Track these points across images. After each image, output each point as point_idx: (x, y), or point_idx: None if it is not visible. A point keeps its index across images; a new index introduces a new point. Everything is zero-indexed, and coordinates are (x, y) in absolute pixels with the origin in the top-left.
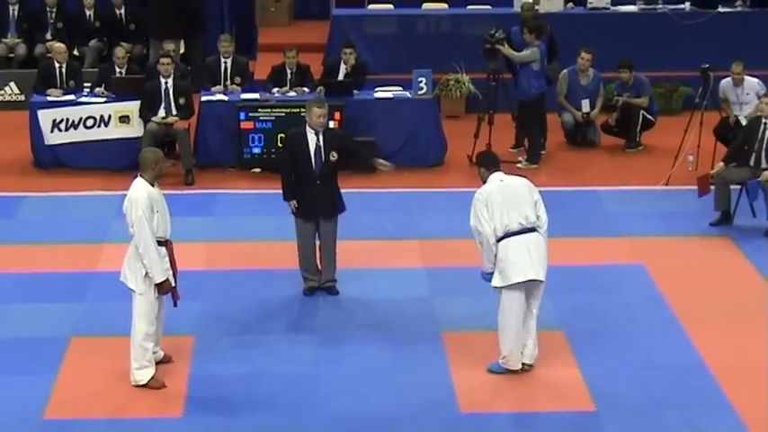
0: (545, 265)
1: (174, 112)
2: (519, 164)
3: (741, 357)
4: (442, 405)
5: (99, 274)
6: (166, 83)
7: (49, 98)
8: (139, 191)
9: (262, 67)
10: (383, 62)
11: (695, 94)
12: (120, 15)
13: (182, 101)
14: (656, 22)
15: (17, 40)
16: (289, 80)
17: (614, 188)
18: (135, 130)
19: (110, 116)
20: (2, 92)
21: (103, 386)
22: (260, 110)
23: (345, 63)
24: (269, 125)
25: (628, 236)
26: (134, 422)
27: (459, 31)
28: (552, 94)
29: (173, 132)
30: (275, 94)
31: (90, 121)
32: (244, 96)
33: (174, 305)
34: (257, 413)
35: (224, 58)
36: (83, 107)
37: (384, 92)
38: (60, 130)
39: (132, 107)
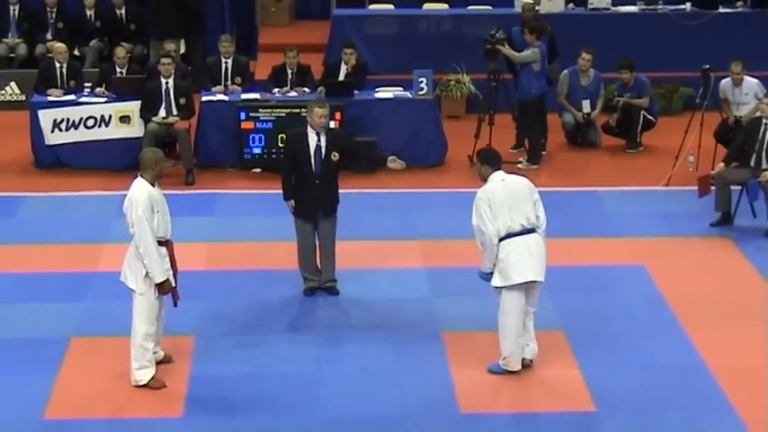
0: (544, 266)
1: (175, 112)
2: (519, 164)
3: (741, 358)
4: (442, 405)
5: (99, 274)
6: (167, 83)
7: (50, 98)
8: (140, 191)
9: (262, 68)
10: (384, 62)
11: (696, 94)
12: (121, 15)
13: (182, 101)
14: (656, 23)
15: (18, 40)
16: (289, 80)
17: (615, 188)
18: (135, 130)
19: (110, 116)
20: (2, 92)
21: (104, 386)
22: (260, 110)
23: (346, 63)
24: (269, 125)
25: (628, 236)
26: (134, 422)
27: (460, 32)
28: (553, 94)
29: (173, 132)
30: (276, 94)
31: (90, 121)
32: (244, 96)
33: (175, 305)
34: (258, 413)
35: (225, 59)
36: (83, 107)
37: (385, 92)
38: (61, 130)
39: (133, 107)
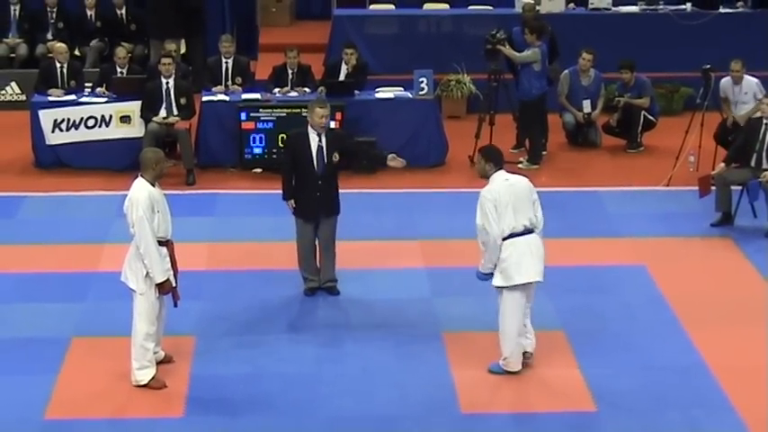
0: (543, 266)
1: (176, 112)
2: (520, 164)
3: (742, 358)
4: (442, 405)
5: (100, 274)
6: (167, 83)
7: (50, 98)
8: (140, 191)
9: (263, 68)
10: (384, 62)
11: (696, 94)
12: (121, 15)
13: (183, 101)
14: (657, 23)
15: (18, 41)
16: (290, 80)
17: (615, 189)
18: (136, 130)
19: (111, 116)
20: (3, 92)
21: (104, 386)
22: (261, 110)
23: (346, 63)
24: (270, 125)
25: (629, 236)
26: (135, 422)
27: (461, 32)
28: (553, 94)
29: (174, 132)
30: (276, 94)
31: (91, 121)
32: (245, 96)
33: (175, 305)
34: (258, 413)
35: (225, 59)
36: (84, 107)
37: (385, 92)
38: (61, 130)
39: (133, 107)
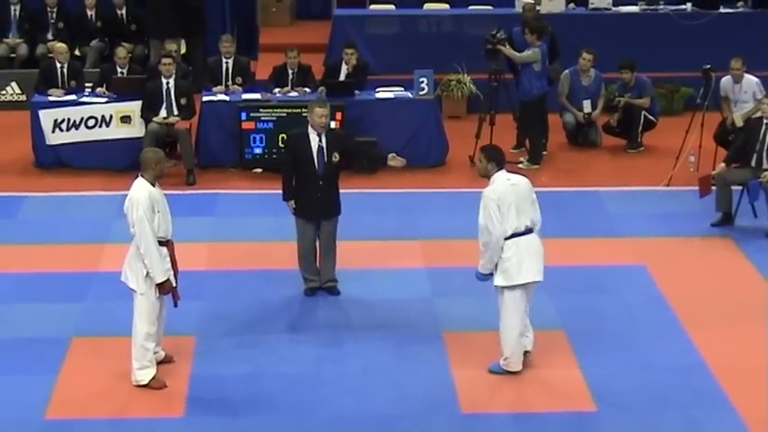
0: (543, 266)
1: (176, 112)
2: (520, 164)
3: (742, 358)
4: (443, 405)
5: (100, 274)
6: (168, 83)
7: (51, 98)
8: (140, 191)
9: (263, 68)
10: (384, 62)
11: (697, 94)
12: (122, 15)
13: (183, 101)
14: (657, 23)
15: (18, 41)
16: (290, 80)
17: (616, 189)
18: (136, 130)
19: (111, 116)
20: (3, 92)
21: (105, 386)
22: (261, 110)
23: (347, 63)
24: (270, 125)
25: (629, 236)
26: (135, 422)
27: (461, 32)
28: (554, 94)
29: (174, 132)
30: (276, 94)
31: (91, 122)
32: (245, 96)
33: (175, 305)
34: (259, 413)
35: (225, 59)
36: (84, 107)
37: (385, 92)
38: (62, 130)
39: (134, 107)
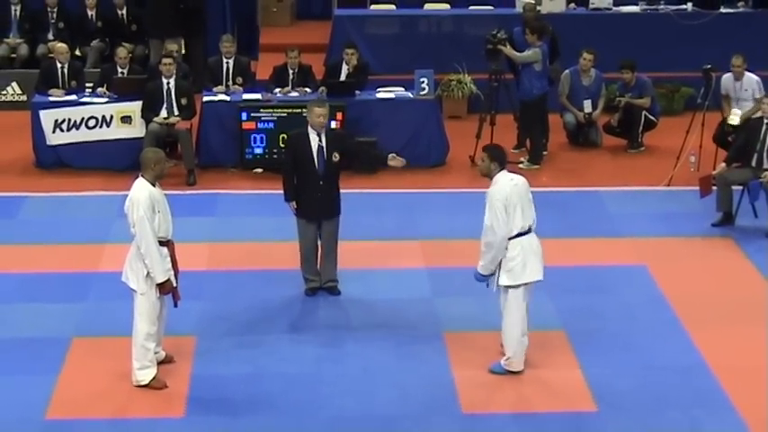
0: (543, 265)
1: (176, 112)
2: (521, 164)
3: (742, 358)
4: (443, 405)
5: (100, 274)
6: (168, 83)
7: (51, 98)
8: (141, 191)
9: (263, 68)
10: (385, 62)
11: (697, 94)
12: (122, 16)
13: (183, 101)
14: (658, 23)
15: (19, 41)
16: (290, 80)
17: (616, 189)
18: (137, 130)
19: (111, 116)
20: (4, 92)
21: (105, 386)
22: (262, 110)
23: (347, 63)
24: (271, 125)
25: (629, 236)
26: (136, 422)
27: (461, 32)
28: (554, 94)
29: (174, 133)
30: (277, 94)
31: (92, 122)
32: (246, 96)
33: (175, 305)
34: (259, 413)
35: (226, 59)
36: (85, 107)
37: (386, 92)
38: (62, 130)
39: (134, 107)
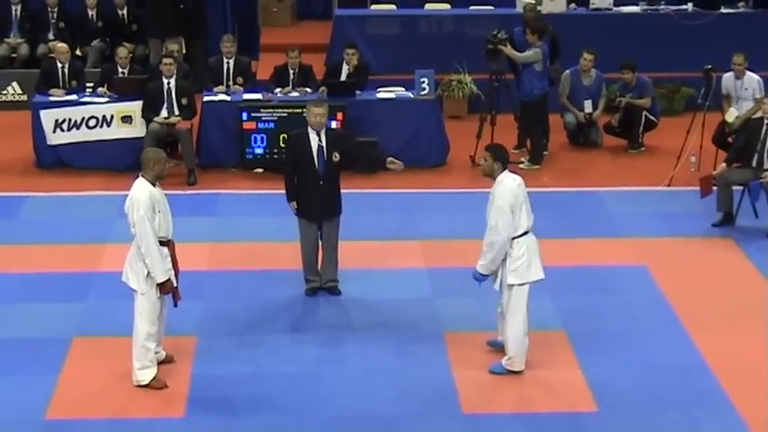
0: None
1: (177, 112)
2: (521, 164)
3: (743, 358)
4: (443, 405)
5: (101, 274)
6: (169, 83)
7: (52, 98)
8: (141, 191)
9: (264, 68)
10: (385, 62)
11: (698, 94)
12: (123, 15)
13: (184, 101)
14: (658, 23)
15: (19, 40)
16: (291, 80)
17: (616, 189)
18: (137, 130)
19: (112, 116)
20: (4, 92)
21: (105, 386)
22: (262, 110)
23: (348, 63)
24: (271, 125)
25: (630, 236)
26: (136, 422)
27: (462, 32)
28: (555, 94)
29: (175, 133)
30: (278, 94)
31: (92, 122)
32: (246, 97)
33: (175, 305)
34: (259, 413)
35: (226, 59)
36: (85, 107)
37: (386, 92)
38: (63, 130)
39: (134, 107)
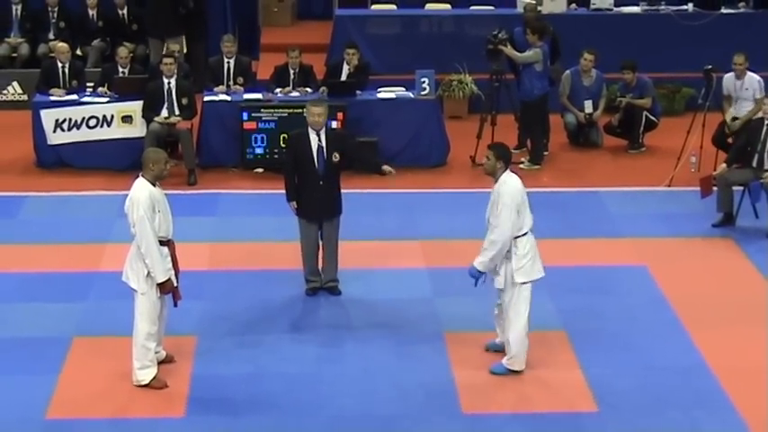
0: None
1: (177, 112)
2: (521, 165)
3: (743, 358)
4: (443, 405)
5: (101, 273)
6: (169, 83)
7: (52, 98)
8: (141, 191)
9: (264, 68)
10: (386, 62)
11: (698, 95)
12: (123, 15)
13: (184, 101)
14: (658, 24)
15: (20, 40)
16: (291, 80)
17: (617, 189)
18: (137, 130)
19: (112, 116)
20: (5, 91)
21: (106, 386)
22: (263, 110)
23: (348, 63)
24: (272, 125)
25: (630, 237)
26: (136, 422)
27: (462, 32)
28: (555, 94)
29: (175, 132)
30: (278, 94)
31: (93, 121)
32: (246, 96)
33: (175, 305)
34: (260, 413)
35: (227, 59)
36: (85, 107)
37: (387, 92)
38: (63, 129)
39: (135, 107)
